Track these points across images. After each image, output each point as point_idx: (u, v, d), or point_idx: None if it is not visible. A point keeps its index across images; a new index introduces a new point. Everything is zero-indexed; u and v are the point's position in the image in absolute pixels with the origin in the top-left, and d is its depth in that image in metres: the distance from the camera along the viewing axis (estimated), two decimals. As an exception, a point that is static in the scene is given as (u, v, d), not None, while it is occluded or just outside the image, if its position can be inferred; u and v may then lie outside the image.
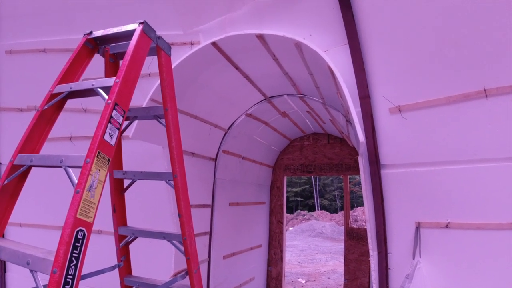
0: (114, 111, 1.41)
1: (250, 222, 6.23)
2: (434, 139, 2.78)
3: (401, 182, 2.96)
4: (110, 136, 1.38)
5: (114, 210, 2.40)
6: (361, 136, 2.38)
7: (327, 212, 29.53)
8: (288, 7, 3.18)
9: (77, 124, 4.19)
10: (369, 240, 3.07)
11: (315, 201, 35.56)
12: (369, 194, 3.09)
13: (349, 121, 4.50)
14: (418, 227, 2.91)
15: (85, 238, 1.28)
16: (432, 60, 2.70)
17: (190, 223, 2.05)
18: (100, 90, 1.58)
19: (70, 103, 2.05)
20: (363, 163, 3.02)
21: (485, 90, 2.54)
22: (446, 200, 2.81)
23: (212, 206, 4.82)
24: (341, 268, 9.77)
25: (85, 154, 1.36)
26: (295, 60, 3.35)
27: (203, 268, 4.59)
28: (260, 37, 3.02)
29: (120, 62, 2.23)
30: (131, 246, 2.59)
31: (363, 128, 2.93)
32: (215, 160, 4.96)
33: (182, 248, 2.04)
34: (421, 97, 2.77)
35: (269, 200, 7.14)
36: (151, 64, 4.03)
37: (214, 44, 3.25)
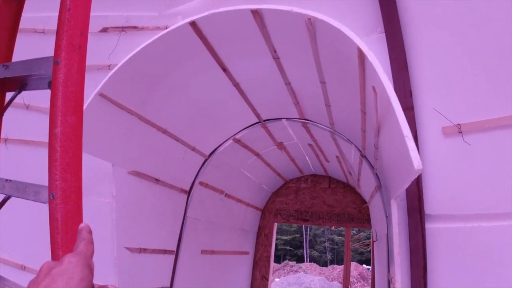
0: None
1: (227, 277, 4.98)
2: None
3: (457, 243, 1.91)
4: None
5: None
6: (417, 160, 1.36)
7: (317, 265, 27.61)
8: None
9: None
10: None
11: (305, 251, 33.53)
12: (404, 260, 2.02)
13: (364, 155, 3.51)
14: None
15: None
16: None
17: None
18: None
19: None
20: (396, 210, 1.99)
21: None
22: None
23: (176, 253, 3.65)
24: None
25: None
26: (303, 59, 2.43)
27: None
28: (257, 14, 2.11)
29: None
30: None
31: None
32: (188, 193, 3.87)
33: None
34: (495, 112, 1.81)
35: (254, 250, 5.92)
36: (112, 54, 3.12)
37: (193, 25, 2.33)
